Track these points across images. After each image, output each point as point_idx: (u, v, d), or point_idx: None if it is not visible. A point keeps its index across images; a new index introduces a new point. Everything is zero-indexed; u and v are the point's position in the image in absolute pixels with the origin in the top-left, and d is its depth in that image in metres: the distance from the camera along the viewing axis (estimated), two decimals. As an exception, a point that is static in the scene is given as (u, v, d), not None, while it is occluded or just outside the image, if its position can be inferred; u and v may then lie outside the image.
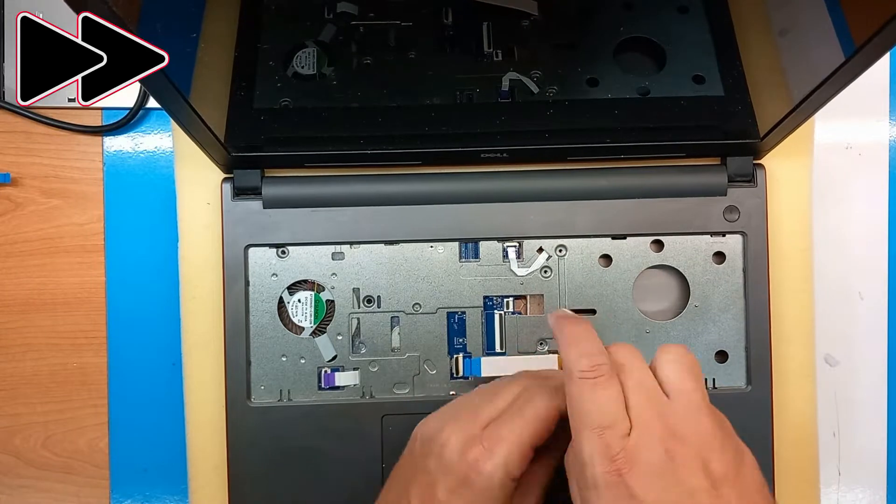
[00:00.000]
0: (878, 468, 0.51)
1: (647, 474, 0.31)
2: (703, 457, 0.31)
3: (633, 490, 0.30)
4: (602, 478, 0.31)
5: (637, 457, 0.31)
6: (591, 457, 0.31)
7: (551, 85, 0.43)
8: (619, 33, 0.43)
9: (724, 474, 0.31)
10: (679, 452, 0.31)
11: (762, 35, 0.40)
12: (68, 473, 0.51)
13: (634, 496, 0.30)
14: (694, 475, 0.31)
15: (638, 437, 0.32)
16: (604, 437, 0.32)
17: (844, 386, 0.51)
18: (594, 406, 0.32)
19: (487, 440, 0.35)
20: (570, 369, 0.34)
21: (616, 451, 0.31)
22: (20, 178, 0.51)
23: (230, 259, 0.46)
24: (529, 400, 0.36)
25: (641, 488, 0.30)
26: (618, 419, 0.32)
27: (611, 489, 0.31)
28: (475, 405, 0.37)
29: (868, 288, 0.51)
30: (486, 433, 0.35)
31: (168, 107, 0.37)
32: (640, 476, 0.31)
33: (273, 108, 0.43)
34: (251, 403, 0.45)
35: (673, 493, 0.31)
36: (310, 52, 0.42)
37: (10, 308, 0.51)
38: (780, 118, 0.40)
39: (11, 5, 0.51)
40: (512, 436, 0.35)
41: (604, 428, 0.32)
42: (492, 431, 0.35)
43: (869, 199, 0.51)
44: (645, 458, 0.31)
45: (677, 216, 0.46)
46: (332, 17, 0.42)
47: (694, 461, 0.31)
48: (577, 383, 0.33)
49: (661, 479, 0.31)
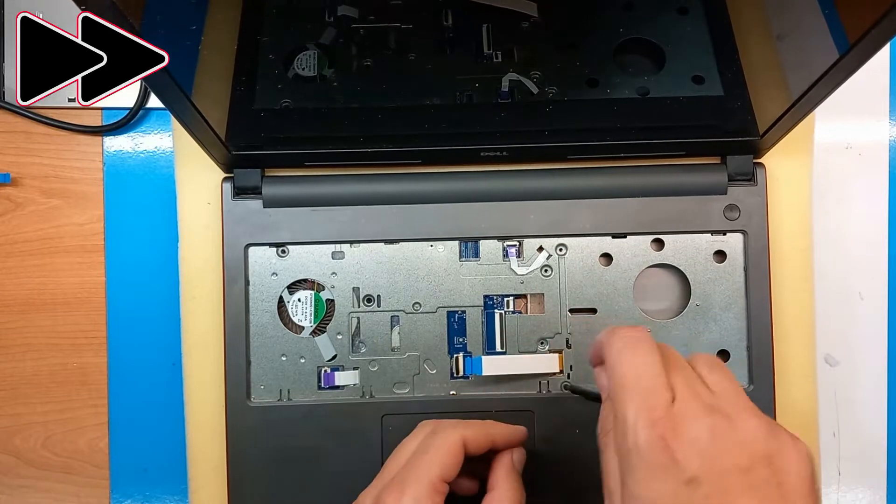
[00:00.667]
0: (878, 468, 0.51)
1: (691, 443, 0.30)
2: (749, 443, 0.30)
3: (675, 455, 0.29)
4: (645, 442, 0.30)
5: (682, 424, 0.30)
6: (636, 421, 0.30)
7: (551, 85, 0.43)
8: (618, 34, 0.43)
9: (778, 464, 0.30)
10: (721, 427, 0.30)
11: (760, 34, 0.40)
12: (68, 473, 0.51)
13: (677, 462, 0.29)
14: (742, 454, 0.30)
15: (683, 406, 0.31)
16: (648, 401, 0.31)
17: (844, 386, 0.51)
18: (639, 370, 0.32)
19: (394, 489, 0.35)
20: (612, 337, 0.33)
21: (660, 415, 0.30)
22: (20, 178, 0.51)
23: (230, 259, 0.46)
24: (431, 439, 0.37)
25: (684, 455, 0.29)
26: (661, 386, 0.31)
27: (654, 453, 0.30)
28: (383, 468, 0.38)
29: (868, 288, 0.51)
30: (391, 484, 0.36)
31: (170, 105, 0.37)
32: (683, 443, 0.30)
33: (274, 109, 0.43)
34: (251, 403, 0.45)
35: (718, 464, 0.29)
36: (310, 55, 0.42)
37: (10, 308, 0.51)
38: (779, 115, 0.40)
39: (11, 5, 0.51)
40: (413, 476, 0.36)
41: (648, 391, 0.31)
42: (396, 481, 0.36)
43: (869, 199, 0.51)
44: (689, 426, 0.30)
45: (678, 215, 0.46)
46: (332, 20, 0.42)
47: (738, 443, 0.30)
48: (619, 348, 0.32)
49: (706, 450, 0.30)
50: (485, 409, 0.45)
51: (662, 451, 0.30)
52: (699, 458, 0.29)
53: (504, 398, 0.46)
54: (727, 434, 0.30)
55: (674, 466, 0.29)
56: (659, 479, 0.30)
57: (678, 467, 0.29)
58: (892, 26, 0.31)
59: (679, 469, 0.29)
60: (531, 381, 0.46)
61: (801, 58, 0.38)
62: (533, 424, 0.45)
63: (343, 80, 0.43)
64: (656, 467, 0.30)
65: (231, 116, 0.42)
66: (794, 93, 0.38)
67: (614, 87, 0.43)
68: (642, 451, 0.30)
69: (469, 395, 0.46)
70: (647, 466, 0.30)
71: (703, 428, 0.30)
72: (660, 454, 0.30)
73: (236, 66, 0.41)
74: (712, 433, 0.30)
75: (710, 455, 0.29)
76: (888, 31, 0.31)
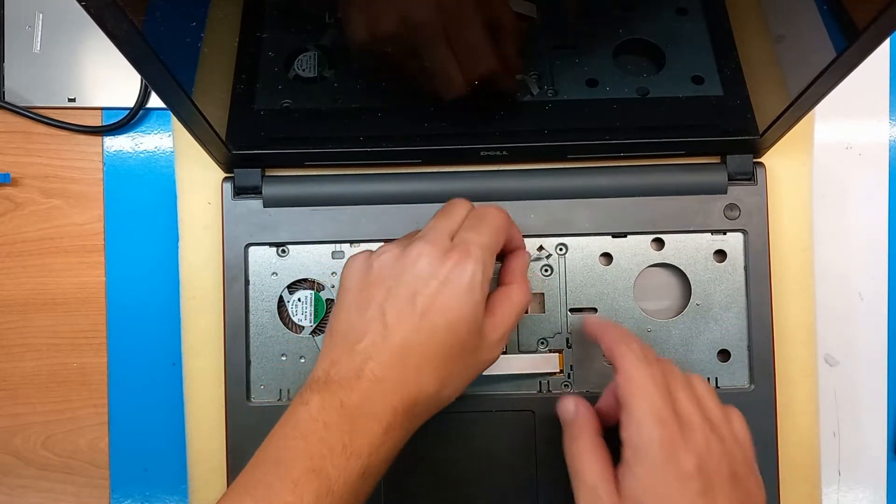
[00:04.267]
0: (878, 468, 0.51)
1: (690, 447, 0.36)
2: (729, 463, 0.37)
3: (678, 455, 0.36)
4: (656, 438, 0.36)
5: (685, 428, 0.36)
6: (646, 420, 0.36)
7: (551, 85, 0.43)
8: (618, 35, 0.43)
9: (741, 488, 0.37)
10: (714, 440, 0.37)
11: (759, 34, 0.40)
12: (68, 473, 0.51)
13: (678, 461, 0.36)
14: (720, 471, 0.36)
15: (685, 414, 0.37)
16: (656, 404, 0.37)
17: (844, 386, 0.51)
18: (650, 379, 0.37)
19: (460, 246, 0.38)
20: (623, 353, 0.39)
21: (667, 417, 0.36)
22: (20, 178, 0.51)
23: (230, 258, 0.46)
24: (483, 214, 0.40)
25: (685, 456, 0.36)
26: (667, 393, 0.37)
27: (663, 448, 0.36)
28: (430, 228, 0.40)
29: (868, 288, 0.51)
30: (456, 241, 0.39)
31: (171, 104, 0.37)
32: (683, 446, 0.36)
33: (274, 109, 0.43)
34: (251, 403, 0.45)
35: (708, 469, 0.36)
36: (311, 56, 0.42)
37: (10, 308, 0.51)
38: (779, 114, 0.40)
39: (11, 5, 0.51)
40: (480, 239, 0.39)
41: (658, 397, 0.37)
42: (461, 238, 0.39)
43: (869, 199, 0.51)
44: (689, 432, 0.36)
45: (678, 214, 0.46)
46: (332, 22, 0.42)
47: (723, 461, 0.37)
48: (632, 362, 0.38)
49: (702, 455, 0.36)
50: (485, 409, 0.45)
51: (670, 446, 0.36)
52: (696, 460, 0.36)
53: (504, 398, 0.46)
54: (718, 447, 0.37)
55: (676, 463, 0.36)
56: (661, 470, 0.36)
57: (678, 465, 0.36)
58: (890, 24, 0.31)
59: (678, 467, 0.36)
60: (531, 380, 0.46)
61: (800, 56, 0.38)
62: (533, 424, 0.45)
63: (343, 80, 0.43)
64: (662, 461, 0.36)
65: (231, 116, 0.42)
66: (793, 91, 0.38)
67: (614, 87, 0.43)
68: (654, 445, 0.36)
69: (469, 394, 0.46)
70: (654, 460, 0.36)
71: (699, 438, 0.37)
72: (665, 449, 0.36)
73: (237, 66, 0.41)
74: (707, 443, 0.37)
75: (705, 460, 0.36)
76: (885, 28, 0.31)
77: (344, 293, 0.40)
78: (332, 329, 0.39)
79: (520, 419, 0.45)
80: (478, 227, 0.39)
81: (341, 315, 0.39)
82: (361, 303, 0.38)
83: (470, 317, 0.37)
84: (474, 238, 0.39)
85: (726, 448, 0.37)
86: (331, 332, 0.39)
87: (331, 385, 0.36)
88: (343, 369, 0.37)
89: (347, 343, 0.38)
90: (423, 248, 0.38)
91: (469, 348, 0.38)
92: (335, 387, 0.36)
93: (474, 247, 0.38)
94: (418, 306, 0.37)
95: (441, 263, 0.38)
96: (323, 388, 0.36)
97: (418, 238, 0.39)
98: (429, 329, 0.37)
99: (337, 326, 0.39)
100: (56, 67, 0.51)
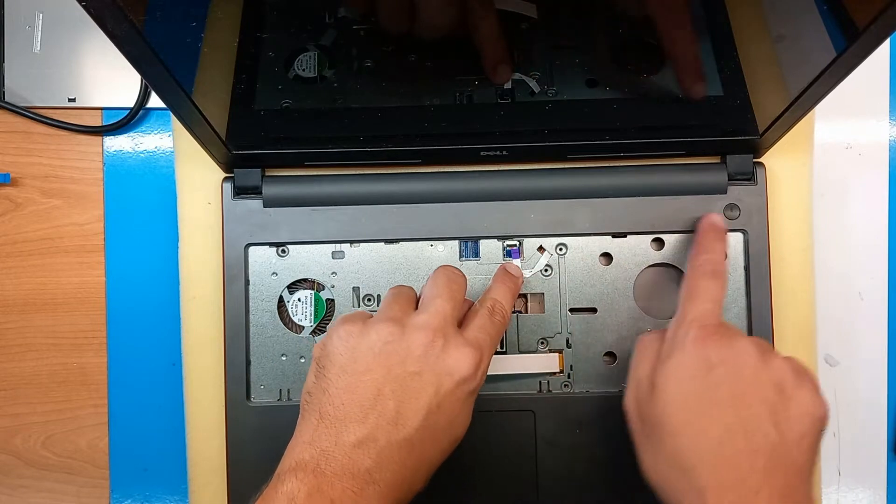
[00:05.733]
0: (878, 468, 0.51)
1: (721, 347, 0.37)
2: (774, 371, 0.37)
3: (708, 352, 0.37)
4: (692, 335, 0.37)
5: (722, 332, 0.37)
6: (692, 319, 0.38)
7: (551, 85, 0.43)
8: (617, 35, 0.43)
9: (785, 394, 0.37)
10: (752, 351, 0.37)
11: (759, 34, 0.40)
12: (68, 473, 0.51)
13: (708, 358, 0.36)
14: (762, 376, 0.36)
15: (726, 324, 0.38)
16: (705, 307, 0.39)
17: (844, 386, 0.51)
18: (706, 288, 0.40)
19: (473, 343, 0.37)
20: (696, 261, 0.41)
21: (709, 321, 0.38)
22: (20, 178, 0.51)
23: (230, 258, 0.46)
24: (486, 303, 0.40)
25: (716, 354, 0.37)
26: (718, 304, 0.39)
27: (696, 346, 0.37)
28: (425, 306, 0.38)
29: (868, 288, 0.51)
30: (468, 336, 0.37)
31: (171, 104, 0.37)
32: (715, 346, 0.37)
33: (274, 109, 0.43)
34: (251, 403, 0.45)
35: (736, 368, 0.36)
36: (311, 56, 0.42)
37: (10, 308, 0.51)
38: (779, 114, 0.40)
39: (11, 5, 0.51)
40: (491, 337, 0.38)
41: (706, 301, 0.39)
42: (473, 335, 0.38)
43: (869, 199, 0.51)
44: (726, 337, 0.37)
45: (678, 214, 0.46)
46: (332, 22, 0.42)
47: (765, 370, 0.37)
48: (699, 271, 0.41)
49: (731, 360, 0.37)
50: (485, 409, 0.45)
51: (702, 344, 0.37)
52: (725, 360, 0.36)
53: (504, 398, 0.46)
54: (756, 360, 0.37)
55: (706, 359, 0.37)
56: (689, 361, 0.37)
57: (708, 361, 0.36)
58: (890, 23, 0.31)
59: (708, 362, 0.36)
60: (531, 380, 0.46)
61: (800, 56, 0.38)
62: (533, 424, 0.45)
63: (343, 80, 0.43)
64: (693, 356, 0.37)
65: (231, 116, 0.42)
66: (792, 92, 0.38)
67: (614, 87, 0.43)
68: (687, 343, 0.37)
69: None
70: (689, 354, 0.37)
71: (740, 344, 0.37)
72: (698, 347, 0.37)
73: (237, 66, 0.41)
74: (745, 349, 0.37)
75: (733, 362, 0.36)
76: (885, 28, 0.31)
77: (334, 368, 0.36)
78: (321, 409, 0.35)
79: (520, 419, 0.45)
80: (489, 319, 0.39)
81: (333, 394, 0.35)
82: (360, 388, 0.35)
83: (468, 419, 0.37)
84: (485, 338, 0.38)
85: (767, 363, 0.37)
86: (320, 412, 0.35)
87: (320, 478, 0.33)
88: (335, 464, 0.33)
89: (343, 432, 0.34)
90: (422, 335, 0.36)
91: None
92: (325, 484, 0.33)
93: (486, 345, 0.37)
94: (425, 402, 0.35)
95: (446, 353, 0.36)
96: (311, 479, 0.33)
97: (417, 315, 0.37)
98: (432, 428, 0.35)
99: (329, 409, 0.35)
100: (56, 67, 0.51)
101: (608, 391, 0.46)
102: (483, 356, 0.37)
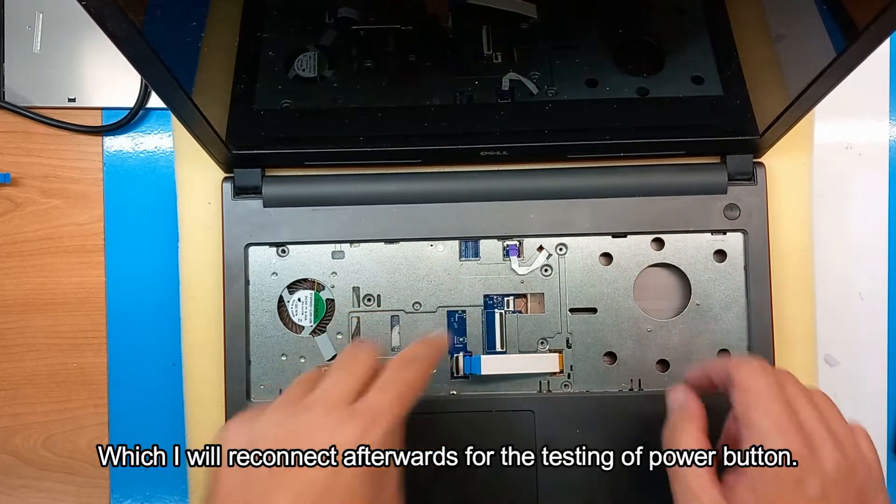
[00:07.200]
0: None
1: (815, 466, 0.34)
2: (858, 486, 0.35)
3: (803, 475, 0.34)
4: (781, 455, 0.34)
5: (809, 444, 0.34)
6: (770, 432, 0.34)
7: (551, 85, 0.43)
8: (617, 35, 0.43)
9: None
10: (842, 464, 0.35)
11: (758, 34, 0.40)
12: (68, 473, 0.51)
13: (803, 482, 0.33)
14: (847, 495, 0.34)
15: (809, 428, 0.35)
16: (779, 417, 0.35)
17: (844, 386, 0.51)
18: (770, 389, 0.35)
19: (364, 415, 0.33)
20: (737, 363, 0.37)
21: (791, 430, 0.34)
22: (20, 178, 0.51)
23: (230, 258, 0.46)
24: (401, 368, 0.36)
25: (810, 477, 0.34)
26: (788, 405, 0.35)
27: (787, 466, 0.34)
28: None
29: (868, 288, 0.51)
30: (359, 408, 0.34)
31: (171, 104, 0.37)
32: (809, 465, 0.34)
33: (274, 109, 0.43)
34: (251, 403, 0.45)
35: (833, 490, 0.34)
36: (311, 56, 0.42)
37: (10, 308, 0.51)
38: (779, 114, 0.40)
39: (11, 5, 0.51)
40: (390, 409, 0.34)
41: (779, 408, 0.35)
42: (367, 406, 0.34)
43: (869, 199, 0.51)
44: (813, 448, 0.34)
45: (678, 214, 0.46)
46: (332, 22, 0.42)
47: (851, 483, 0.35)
48: (749, 373, 0.36)
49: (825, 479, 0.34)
50: (485, 409, 0.45)
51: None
52: (821, 482, 0.34)
53: (504, 398, 0.46)
54: (845, 467, 0.35)
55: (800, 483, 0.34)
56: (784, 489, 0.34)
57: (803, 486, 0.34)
58: (890, 23, 0.31)
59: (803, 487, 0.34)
60: (531, 380, 0.46)
61: (800, 57, 0.38)
62: (533, 424, 0.45)
63: (343, 80, 0.43)
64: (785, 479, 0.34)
65: (231, 116, 0.42)
66: (792, 91, 0.38)
67: (614, 87, 0.43)
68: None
69: (469, 394, 0.46)
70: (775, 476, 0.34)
71: (826, 456, 0.35)
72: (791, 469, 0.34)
73: (237, 66, 0.41)
74: (834, 462, 0.34)
75: (831, 481, 0.34)
76: (885, 28, 0.31)
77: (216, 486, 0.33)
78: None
79: (520, 419, 0.45)
80: (387, 389, 0.35)
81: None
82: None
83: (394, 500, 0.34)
84: (380, 416, 0.33)
85: (853, 468, 0.35)
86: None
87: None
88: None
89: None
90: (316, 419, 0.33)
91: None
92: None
93: (382, 427, 0.33)
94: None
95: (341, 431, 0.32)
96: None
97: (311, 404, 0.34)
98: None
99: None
100: (56, 67, 0.51)
101: (608, 391, 0.46)
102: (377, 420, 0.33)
